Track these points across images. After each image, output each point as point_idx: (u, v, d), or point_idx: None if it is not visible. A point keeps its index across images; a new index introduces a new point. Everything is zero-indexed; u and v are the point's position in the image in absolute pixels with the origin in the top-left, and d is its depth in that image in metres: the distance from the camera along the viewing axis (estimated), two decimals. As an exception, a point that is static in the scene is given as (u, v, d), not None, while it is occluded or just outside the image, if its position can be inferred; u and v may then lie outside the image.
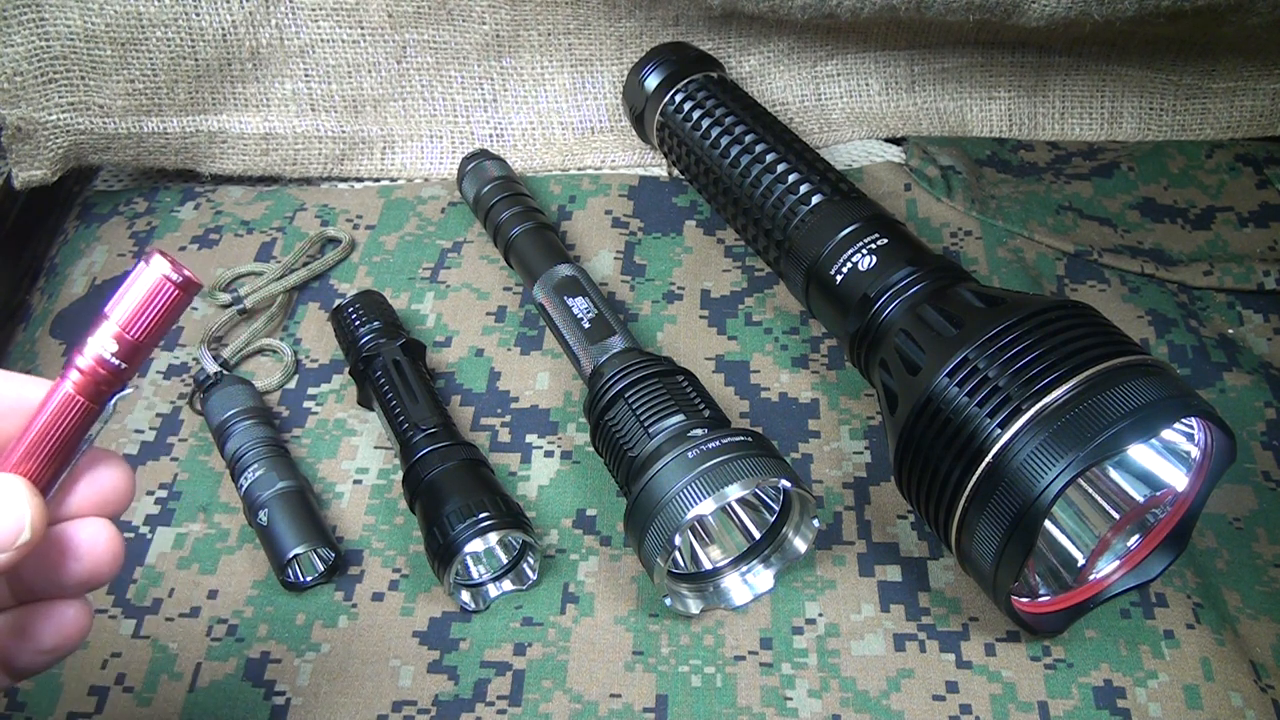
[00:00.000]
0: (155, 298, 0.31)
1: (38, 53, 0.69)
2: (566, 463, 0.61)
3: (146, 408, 0.64)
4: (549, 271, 0.64)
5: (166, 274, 0.31)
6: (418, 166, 0.79)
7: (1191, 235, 0.72)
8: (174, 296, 0.32)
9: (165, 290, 0.31)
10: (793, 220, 0.61)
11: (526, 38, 0.76)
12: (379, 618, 0.55)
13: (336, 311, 0.65)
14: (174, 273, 0.31)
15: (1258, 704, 0.50)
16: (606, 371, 0.57)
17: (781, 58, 0.78)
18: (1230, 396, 0.63)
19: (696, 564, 0.55)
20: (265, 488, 0.57)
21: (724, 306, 0.69)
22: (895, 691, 0.51)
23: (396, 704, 0.52)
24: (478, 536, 0.52)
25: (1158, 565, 0.52)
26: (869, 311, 0.56)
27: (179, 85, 0.73)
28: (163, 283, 0.31)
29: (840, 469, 0.60)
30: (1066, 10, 0.67)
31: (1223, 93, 0.79)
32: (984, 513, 0.46)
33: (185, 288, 0.32)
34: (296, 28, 0.73)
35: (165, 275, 0.31)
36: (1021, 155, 0.79)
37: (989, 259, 0.70)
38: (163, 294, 0.31)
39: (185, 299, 0.32)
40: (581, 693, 0.52)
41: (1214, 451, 0.50)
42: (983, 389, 0.47)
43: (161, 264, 0.31)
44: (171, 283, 0.31)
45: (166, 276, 0.31)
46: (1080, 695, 0.51)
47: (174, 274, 0.31)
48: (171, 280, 0.31)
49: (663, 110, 0.71)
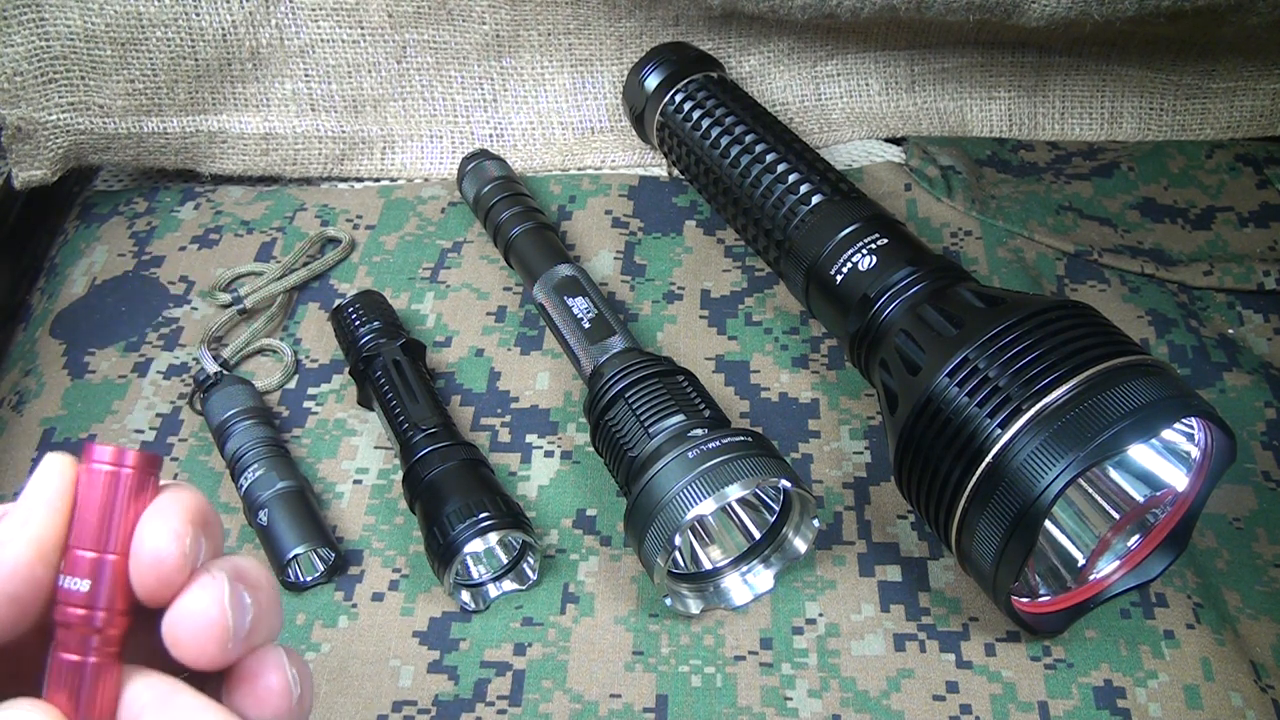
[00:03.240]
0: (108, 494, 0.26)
1: (38, 53, 0.69)
2: (566, 463, 0.61)
3: (146, 408, 0.64)
4: (549, 271, 0.64)
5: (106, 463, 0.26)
6: (418, 166, 0.79)
7: (1191, 235, 0.72)
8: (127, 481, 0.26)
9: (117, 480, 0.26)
10: (793, 220, 0.61)
11: (526, 38, 0.76)
12: (379, 618, 0.55)
13: (336, 311, 0.65)
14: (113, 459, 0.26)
15: (1258, 704, 0.50)
16: (606, 371, 0.57)
17: (781, 58, 0.78)
18: (1230, 396, 0.63)
19: (696, 564, 0.55)
20: (265, 488, 0.57)
21: (724, 306, 0.69)
22: (895, 691, 0.51)
23: (396, 704, 0.52)
24: (478, 536, 0.52)
25: (1158, 565, 0.52)
26: (869, 311, 0.56)
27: (179, 85, 0.73)
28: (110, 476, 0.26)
29: (840, 469, 0.60)
30: (1066, 10, 0.67)
31: (1223, 93, 0.79)
32: (984, 513, 0.46)
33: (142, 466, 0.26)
34: (296, 28, 0.73)
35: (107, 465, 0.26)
36: (1021, 155, 0.79)
37: (989, 259, 0.70)
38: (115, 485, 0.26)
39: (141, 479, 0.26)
40: (581, 693, 0.52)
41: (1214, 451, 0.50)
42: (983, 389, 0.47)
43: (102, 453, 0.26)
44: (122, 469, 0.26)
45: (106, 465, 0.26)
46: (1080, 695, 0.51)
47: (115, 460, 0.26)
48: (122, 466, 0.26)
49: (663, 110, 0.71)
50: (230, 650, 0.26)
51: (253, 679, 0.27)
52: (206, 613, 0.26)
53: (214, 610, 0.26)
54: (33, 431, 0.63)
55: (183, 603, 0.26)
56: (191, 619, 0.26)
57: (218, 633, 0.26)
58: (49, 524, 0.25)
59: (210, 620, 0.26)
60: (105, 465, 0.26)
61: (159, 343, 0.68)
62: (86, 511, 0.26)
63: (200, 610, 0.26)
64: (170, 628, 0.26)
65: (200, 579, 0.26)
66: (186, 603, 0.26)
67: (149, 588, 0.26)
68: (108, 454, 0.26)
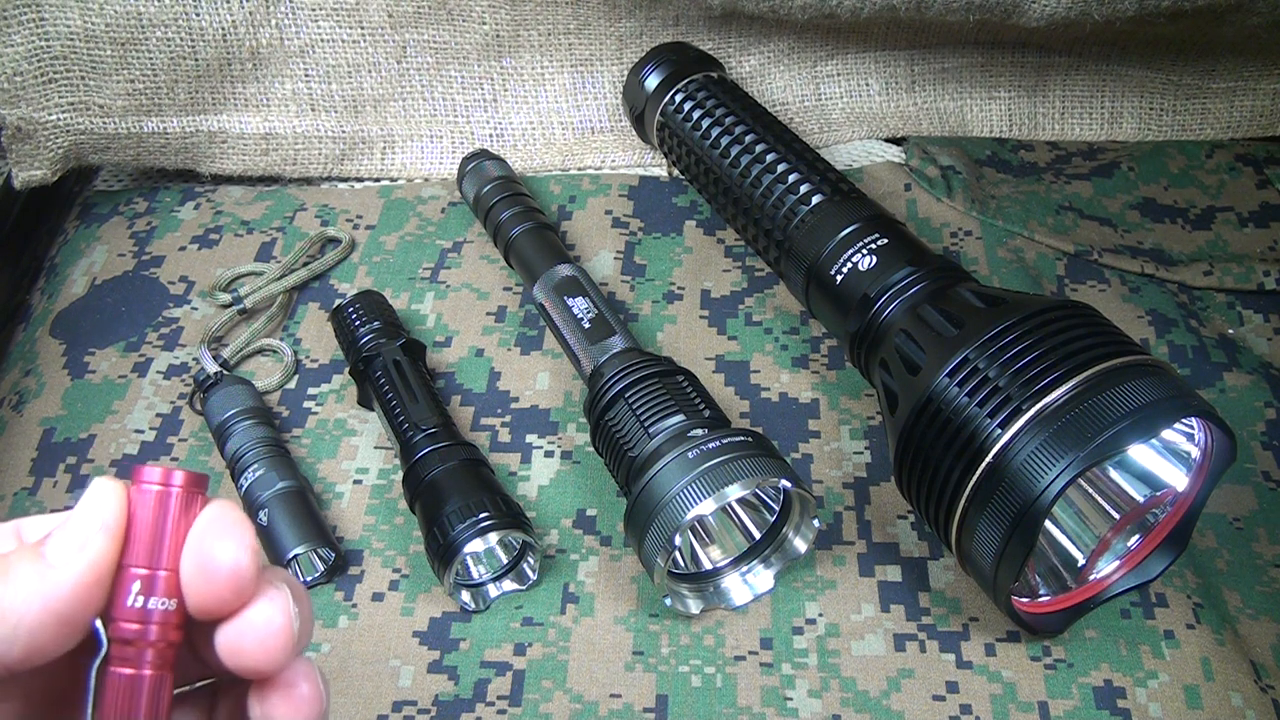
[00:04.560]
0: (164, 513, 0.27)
1: (38, 53, 0.69)
2: (566, 463, 0.61)
3: (146, 408, 0.64)
4: (549, 271, 0.64)
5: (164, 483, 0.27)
6: (418, 166, 0.79)
7: (1191, 235, 0.72)
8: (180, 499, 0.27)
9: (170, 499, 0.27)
10: (793, 220, 0.61)
11: (526, 38, 0.76)
12: (379, 618, 0.55)
13: (336, 311, 0.65)
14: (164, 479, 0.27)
15: (1258, 704, 0.50)
16: (606, 371, 0.57)
17: (781, 58, 0.78)
18: (1230, 396, 0.63)
19: (696, 564, 0.55)
20: (265, 488, 0.57)
21: (724, 306, 0.69)
22: (895, 691, 0.51)
23: (396, 704, 0.52)
24: (478, 536, 0.52)
25: (1158, 565, 0.52)
26: (869, 311, 0.56)
27: (179, 85, 0.73)
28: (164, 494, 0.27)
29: (840, 469, 0.60)
30: (1066, 10, 0.67)
31: (1223, 93, 0.79)
32: (984, 513, 0.46)
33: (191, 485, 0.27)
34: (296, 28, 0.73)
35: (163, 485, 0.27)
36: (1021, 155, 0.79)
37: (989, 259, 0.70)
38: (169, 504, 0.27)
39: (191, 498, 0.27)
40: (581, 693, 0.52)
41: (1214, 451, 0.50)
42: (983, 389, 0.47)
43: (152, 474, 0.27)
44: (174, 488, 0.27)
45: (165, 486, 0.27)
46: (1080, 695, 0.51)
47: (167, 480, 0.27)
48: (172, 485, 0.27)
49: (663, 110, 0.71)
50: (289, 658, 0.27)
51: (289, 687, 0.28)
52: (273, 622, 0.27)
53: (281, 619, 0.27)
54: (33, 431, 0.63)
55: (251, 613, 0.27)
56: (259, 629, 0.27)
57: (284, 641, 0.27)
58: (105, 546, 0.26)
59: (278, 629, 0.27)
60: (155, 485, 0.27)
61: (159, 343, 0.68)
62: (140, 530, 0.27)
63: (267, 620, 0.27)
64: (236, 638, 0.27)
65: (267, 590, 0.27)
66: (255, 614, 0.27)
67: (222, 600, 0.27)
68: (157, 474, 0.27)
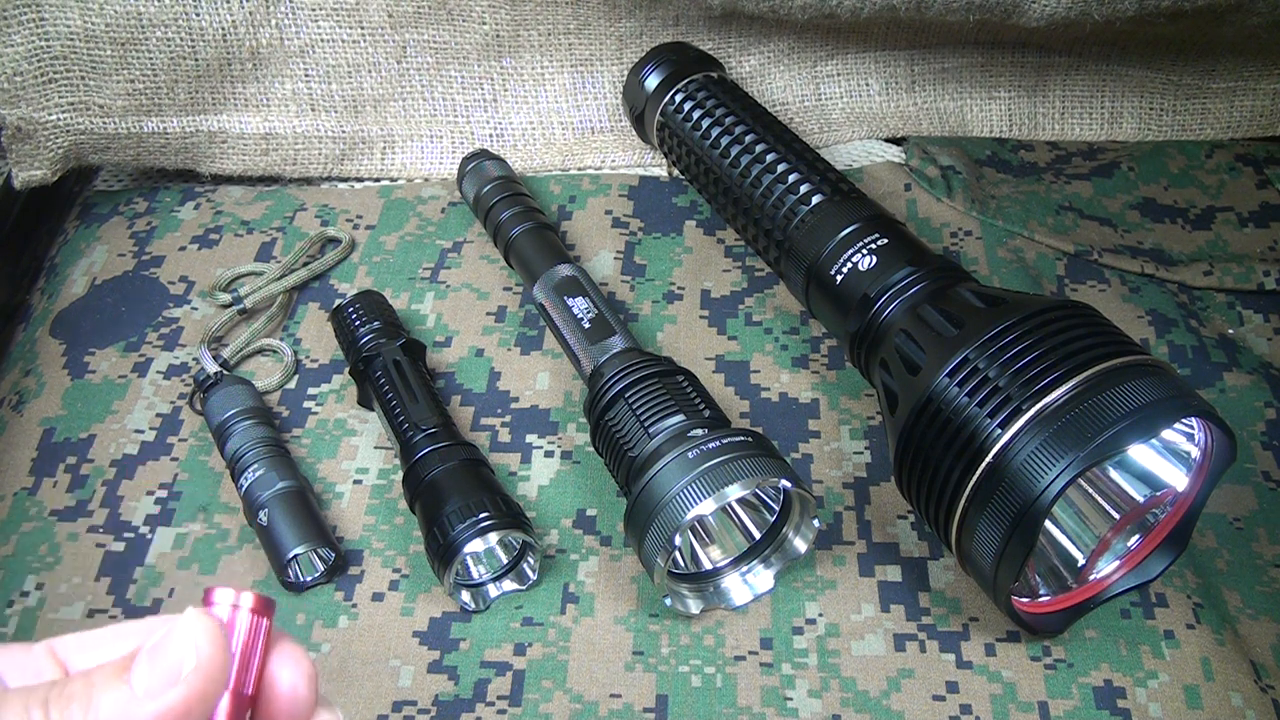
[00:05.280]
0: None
1: (38, 53, 0.69)
2: (566, 463, 0.61)
3: (147, 408, 0.64)
4: (549, 271, 0.64)
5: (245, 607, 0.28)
6: (418, 166, 0.79)
7: (1191, 235, 0.72)
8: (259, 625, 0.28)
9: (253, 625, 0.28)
10: (793, 220, 0.61)
11: (526, 38, 0.76)
12: (379, 618, 0.55)
13: (336, 311, 0.65)
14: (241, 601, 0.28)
15: (1258, 704, 0.50)
16: (606, 371, 0.57)
17: (781, 58, 0.78)
18: (1230, 396, 0.63)
19: (696, 564, 0.55)
20: (265, 488, 0.57)
21: (724, 306, 0.69)
22: (895, 691, 0.51)
23: (397, 704, 0.52)
24: (478, 536, 0.52)
25: (1158, 565, 0.52)
26: (869, 311, 0.56)
27: (179, 85, 0.73)
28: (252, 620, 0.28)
29: (840, 469, 0.60)
30: (1066, 10, 0.67)
31: (1223, 93, 0.79)
32: (984, 513, 0.46)
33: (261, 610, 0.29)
34: (296, 28, 0.73)
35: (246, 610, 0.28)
36: (1021, 155, 0.79)
37: (989, 259, 0.70)
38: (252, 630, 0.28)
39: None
40: (581, 693, 0.52)
41: (1214, 451, 0.50)
42: (983, 389, 0.47)
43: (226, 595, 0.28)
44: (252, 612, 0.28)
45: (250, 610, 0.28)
46: (1080, 695, 0.51)
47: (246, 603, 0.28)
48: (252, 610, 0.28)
49: (663, 110, 0.71)
50: None
51: None
52: None
53: None
54: (33, 431, 0.63)
55: None
56: None
57: None
58: (199, 686, 0.27)
59: None
60: (236, 610, 0.28)
61: (159, 343, 0.68)
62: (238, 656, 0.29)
63: None
64: None
65: (321, 714, 0.31)
66: None
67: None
68: (230, 598, 0.28)
